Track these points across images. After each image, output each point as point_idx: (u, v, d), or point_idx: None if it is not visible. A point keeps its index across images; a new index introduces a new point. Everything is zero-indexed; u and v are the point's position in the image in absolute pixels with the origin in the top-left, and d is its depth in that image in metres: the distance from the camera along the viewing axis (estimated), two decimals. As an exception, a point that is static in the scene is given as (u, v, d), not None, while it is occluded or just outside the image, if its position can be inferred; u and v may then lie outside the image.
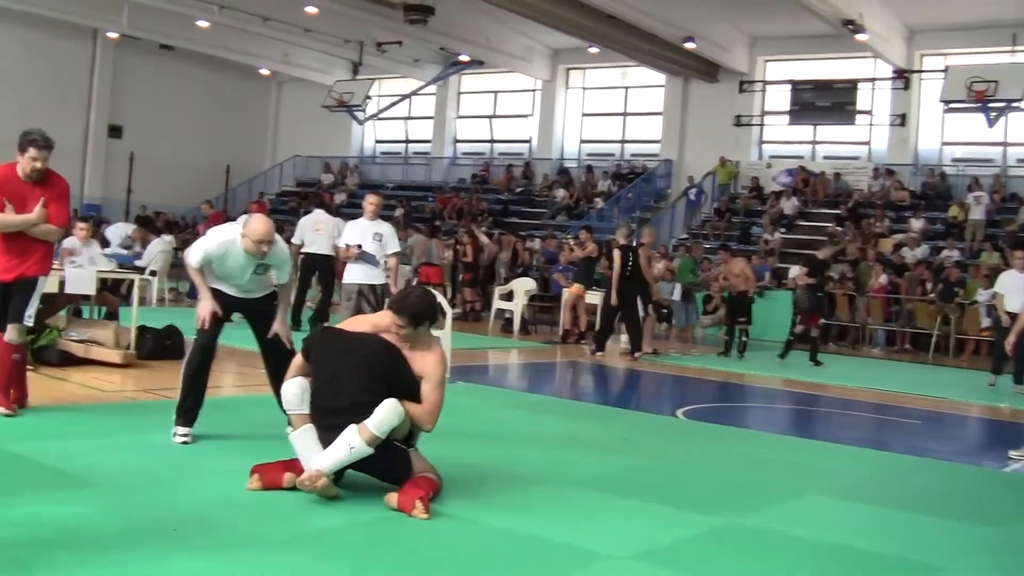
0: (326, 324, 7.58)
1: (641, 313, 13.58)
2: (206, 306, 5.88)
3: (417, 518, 4.54)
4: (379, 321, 5.19)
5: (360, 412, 4.73)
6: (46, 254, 6.33)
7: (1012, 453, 7.43)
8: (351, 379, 4.86)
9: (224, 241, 5.87)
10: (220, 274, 5.96)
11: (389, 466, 4.88)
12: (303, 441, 4.90)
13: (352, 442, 4.69)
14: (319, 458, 4.75)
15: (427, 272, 18.05)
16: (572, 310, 15.34)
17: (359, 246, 9.90)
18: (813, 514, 5.36)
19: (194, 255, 5.89)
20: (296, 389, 4.97)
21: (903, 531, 5.16)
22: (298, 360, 5.17)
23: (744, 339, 14.12)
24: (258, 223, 5.88)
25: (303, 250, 12.46)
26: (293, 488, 4.82)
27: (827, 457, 7.18)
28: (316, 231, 12.51)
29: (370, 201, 10.24)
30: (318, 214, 13.01)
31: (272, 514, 4.50)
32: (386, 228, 10.20)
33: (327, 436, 4.80)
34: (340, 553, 4.09)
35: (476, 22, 24.44)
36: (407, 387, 4.95)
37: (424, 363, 5.02)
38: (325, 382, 4.93)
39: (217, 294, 5.94)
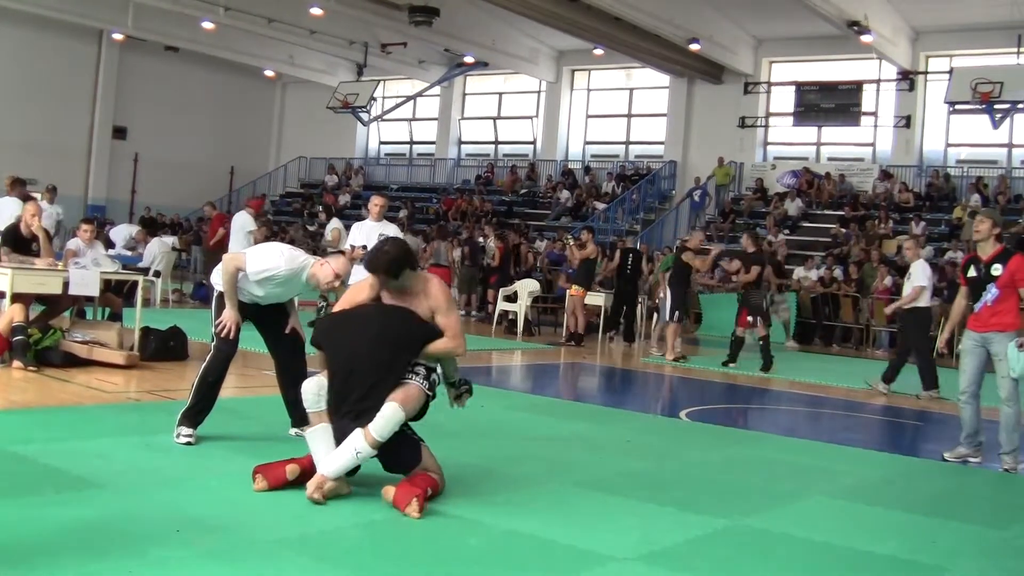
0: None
1: (666, 317, 13.63)
2: (233, 316, 5.81)
3: (410, 516, 4.57)
4: (375, 284, 5.24)
5: (378, 392, 4.81)
6: None
7: (947, 455, 7.42)
8: (365, 358, 4.88)
9: (298, 267, 5.81)
10: (267, 291, 5.88)
11: (398, 451, 4.91)
12: (317, 440, 4.93)
13: (358, 446, 4.74)
14: (326, 463, 4.78)
15: (436, 273, 18.01)
16: (574, 312, 15.30)
17: (364, 247, 9.92)
18: (816, 515, 5.36)
19: (257, 267, 5.74)
20: (314, 387, 5.01)
21: (905, 532, 5.16)
22: (320, 355, 5.22)
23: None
24: (345, 264, 6.04)
25: None
26: (298, 482, 4.84)
27: (830, 458, 7.18)
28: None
29: (375, 203, 10.25)
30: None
31: (274, 515, 4.51)
32: (392, 229, 10.21)
33: (346, 425, 4.82)
34: (342, 554, 4.09)
35: (481, 24, 24.46)
36: (425, 337, 5.04)
37: (428, 300, 5.11)
38: (340, 367, 4.95)
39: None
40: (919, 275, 11.03)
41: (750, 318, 12.65)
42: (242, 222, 13.80)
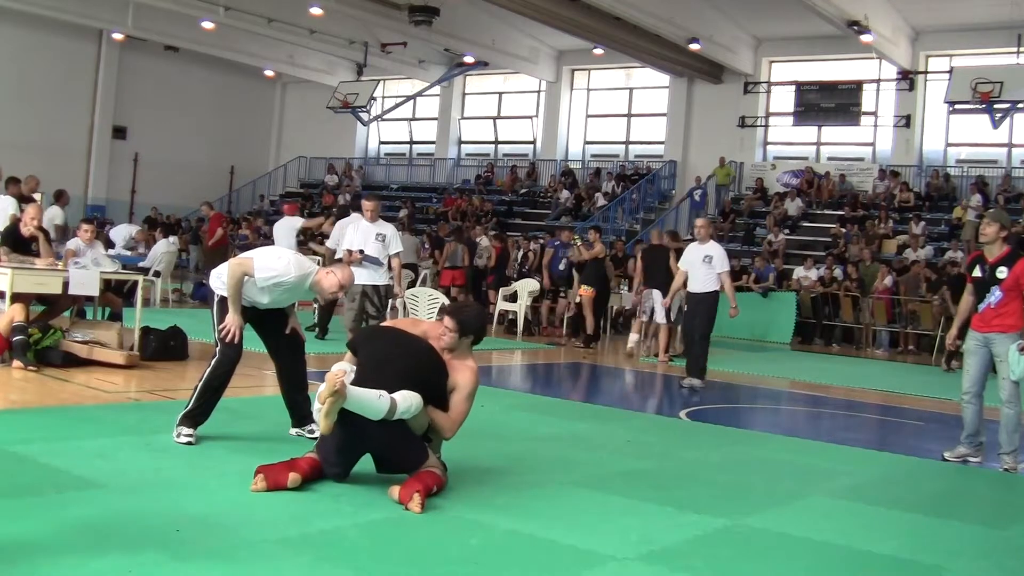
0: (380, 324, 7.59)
1: (660, 319, 13.27)
2: (237, 320, 5.80)
3: (411, 511, 4.60)
4: (430, 329, 5.40)
5: (398, 381, 4.90)
6: None
7: (947, 455, 7.42)
8: (393, 370, 4.94)
9: (305, 274, 5.86)
10: (272, 297, 5.90)
11: (406, 449, 4.96)
12: (338, 365, 5.02)
13: (381, 393, 4.77)
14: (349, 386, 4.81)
15: (452, 275, 18.04)
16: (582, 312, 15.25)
17: (361, 251, 9.95)
18: (816, 515, 5.36)
19: (266, 273, 5.77)
20: (346, 366, 5.13)
21: (905, 532, 5.16)
22: (348, 356, 5.30)
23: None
24: (350, 273, 6.11)
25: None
26: (297, 488, 4.84)
27: (830, 458, 7.18)
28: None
29: (367, 207, 10.29)
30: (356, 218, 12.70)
31: (274, 515, 4.51)
32: (389, 229, 10.23)
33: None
34: (343, 554, 4.09)
35: (481, 23, 24.46)
36: (439, 393, 5.13)
37: (459, 374, 5.21)
38: (371, 369, 5.00)
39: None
40: (722, 259, 10.64)
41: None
42: (291, 224, 14.03)
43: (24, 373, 8.08)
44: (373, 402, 4.74)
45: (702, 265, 10.61)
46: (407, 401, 4.83)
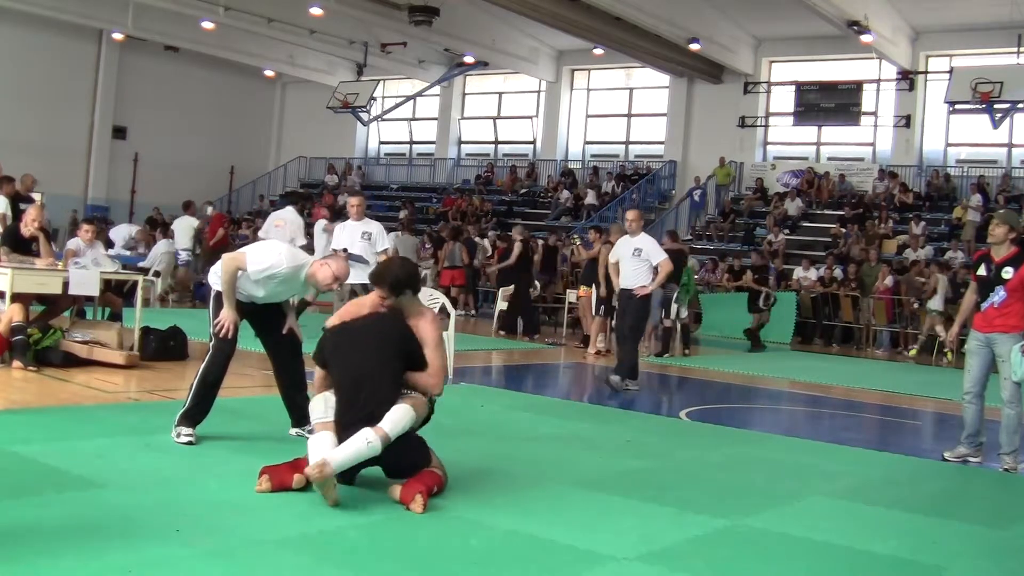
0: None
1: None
2: (231, 316, 5.80)
3: (413, 511, 4.60)
4: (376, 300, 5.34)
5: (385, 394, 4.85)
6: None
7: (947, 455, 7.42)
8: (368, 360, 4.91)
9: (298, 266, 5.85)
10: (267, 290, 5.89)
11: (407, 453, 4.93)
12: (318, 442, 4.87)
13: (369, 437, 4.72)
14: (333, 452, 4.72)
15: (451, 275, 18.03)
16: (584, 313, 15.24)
17: (344, 250, 10.01)
18: (816, 515, 5.36)
19: (259, 266, 5.75)
20: (321, 401, 5.03)
21: (905, 532, 5.16)
22: (319, 373, 5.21)
23: None
24: (345, 266, 6.06)
25: None
26: (301, 489, 4.83)
27: (830, 458, 7.17)
28: (275, 227, 12.01)
29: (351, 203, 10.36)
30: (284, 211, 12.66)
31: (274, 515, 4.51)
32: (375, 227, 10.30)
33: (350, 432, 4.80)
34: (342, 554, 4.09)
35: (481, 23, 24.47)
36: (418, 354, 5.07)
37: (419, 329, 5.16)
38: (348, 375, 4.96)
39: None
40: (655, 250, 10.15)
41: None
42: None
43: (24, 373, 8.09)
44: (363, 451, 4.70)
45: (631, 259, 10.11)
46: (399, 423, 4.77)
